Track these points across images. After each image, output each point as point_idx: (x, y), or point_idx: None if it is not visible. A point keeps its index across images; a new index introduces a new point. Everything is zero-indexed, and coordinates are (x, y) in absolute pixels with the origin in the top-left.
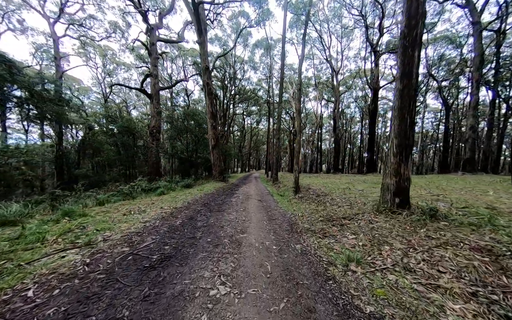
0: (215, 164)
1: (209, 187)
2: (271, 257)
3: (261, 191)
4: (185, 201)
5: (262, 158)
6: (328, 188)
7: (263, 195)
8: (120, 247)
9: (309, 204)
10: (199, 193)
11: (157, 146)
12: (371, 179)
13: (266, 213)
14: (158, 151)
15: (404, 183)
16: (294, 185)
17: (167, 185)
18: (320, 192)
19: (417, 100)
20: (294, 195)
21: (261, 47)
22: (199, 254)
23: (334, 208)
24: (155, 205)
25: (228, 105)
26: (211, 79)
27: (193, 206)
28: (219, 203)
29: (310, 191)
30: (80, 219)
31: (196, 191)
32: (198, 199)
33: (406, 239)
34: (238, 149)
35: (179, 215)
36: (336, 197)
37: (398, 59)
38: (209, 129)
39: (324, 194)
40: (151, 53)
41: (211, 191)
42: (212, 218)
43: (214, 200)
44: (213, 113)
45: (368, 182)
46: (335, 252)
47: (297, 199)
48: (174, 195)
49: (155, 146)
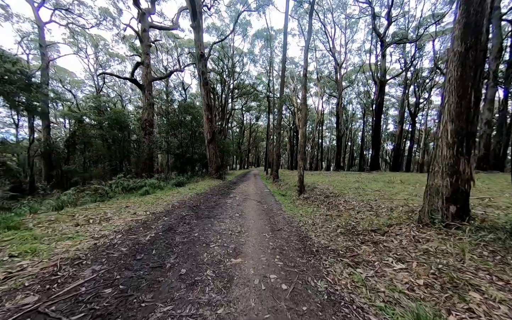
0: (211, 160)
1: (203, 186)
2: (281, 312)
3: (261, 190)
4: (169, 204)
5: (262, 155)
6: (337, 188)
7: (263, 195)
8: (11, 302)
9: (318, 207)
10: (190, 192)
11: (149, 140)
12: (381, 177)
13: (267, 219)
14: (151, 146)
15: (464, 185)
16: (299, 183)
17: (154, 184)
18: (329, 192)
19: (419, 97)
20: (298, 195)
21: (261, 38)
22: (158, 310)
23: (353, 215)
24: (129, 209)
25: (226, 100)
26: (206, 67)
27: (177, 211)
28: (211, 206)
29: (317, 190)
30: (3, 234)
31: (187, 190)
32: (186, 200)
33: (497, 276)
34: (237, 146)
35: (154, 224)
36: (350, 199)
37: (459, 9)
38: (204, 122)
39: (334, 195)
40: (143, 40)
41: (204, 190)
42: (197, 229)
43: (205, 201)
44: (209, 105)
45: (379, 180)
46: (385, 300)
47: (302, 201)
48: (159, 196)
49: (147, 140)
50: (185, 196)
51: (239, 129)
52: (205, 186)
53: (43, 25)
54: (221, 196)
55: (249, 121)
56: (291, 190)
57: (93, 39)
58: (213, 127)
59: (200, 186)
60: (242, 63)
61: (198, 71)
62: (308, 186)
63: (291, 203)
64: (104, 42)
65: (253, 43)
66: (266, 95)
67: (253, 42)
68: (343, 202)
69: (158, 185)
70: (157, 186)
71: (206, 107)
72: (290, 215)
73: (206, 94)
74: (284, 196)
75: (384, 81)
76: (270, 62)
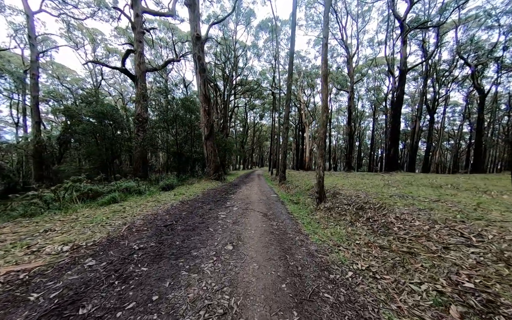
0: (208, 159)
1: (196, 189)
2: None
3: (267, 195)
4: (126, 223)
5: (266, 155)
6: (370, 194)
7: (269, 202)
8: None
9: (353, 225)
10: (173, 200)
11: (143, 137)
12: (413, 180)
13: (282, 258)
14: (144, 143)
15: None
16: (317, 188)
17: (131, 187)
18: (360, 200)
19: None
20: (317, 204)
21: (266, 30)
22: None
23: (443, 256)
24: (35, 240)
25: (229, 96)
26: (203, 52)
27: (128, 239)
28: (192, 225)
29: (340, 198)
30: None
31: (171, 197)
32: (160, 214)
33: None
34: (240, 145)
35: (50, 282)
36: (404, 214)
37: None
38: (201, 116)
39: (373, 206)
40: (135, 26)
41: (194, 196)
42: (129, 300)
43: (188, 215)
44: (206, 96)
45: (415, 183)
46: None
47: (323, 212)
48: (126, 206)
49: (140, 137)
50: (163, 207)
51: (243, 128)
52: (197, 190)
53: (32, 14)
54: (215, 204)
55: (253, 120)
56: (303, 195)
57: (89, 32)
58: (211, 121)
59: (192, 190)
60: (246, 58)
61: (193, 56)
62: (327, 190)
63: (308, 215)
64: (102, 36)
65: (257, 35)
66: (270, 90)
67: (257, 34)
68: (394, 219)
69: (137, 189)
70: (135, 191)
71: (203, 98)
72: (318, 244)
73: (203, 83)
74: (297, 204)
75: (405, 69)
76: (275, 56)
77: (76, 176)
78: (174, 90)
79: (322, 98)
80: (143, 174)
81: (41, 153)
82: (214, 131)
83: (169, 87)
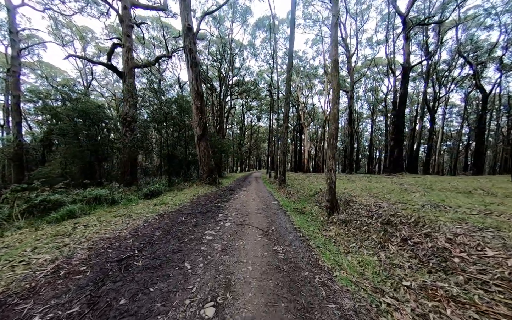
0: (202, 162)
1: (185, 196)
2: None
3: (266, 203)
4: (56, 259)
5: (263, 157)
6: (391, 203)
7: (270, 212)
8: None
9: (385, 249)
10: (151, 213)
11: (131, 138)
12: (431, 184)
13: None
14: (131, 144)
15: None
16: (328, 196)
17: (102, 196)
18: (383, 211)
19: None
20: (329, 216)
21: (263, 29)
22: None
23: None
24: None
25: (225, 96)
26: (195, 44)
27: (37, 295)
28: (162, 256)
29: (356, 207)
30: None
31: (149, 209)
32: (122, 236)
33: None
34: (237, 147)
35: None
36: (461, 237)
37: None
38: (193, 114)
39: (405, 221)
40: (123, 19)
41: (179, 206)
42: None
43: (163, 237)
44: (199, 92)
45: (436, 188)
46: None
47: (339, 227)
48: (81, 223)
49: (128, 138)
50: (132, 224)
51: (240, 130)
52: (185, 198)
53: (14, 8)
54: (203, 218)
55: (250, 122)
56: (308, 202)
57: (79, 30)
58: (205, 120)
59: (179, 198)
60: (242, 58)
61: (184, 49)
62: (338, 197)
63: (320, 231)
64: (92, 34)
65: (254, 34)
66: (268, 90)
67: (254, 33)
68: (447, 242)
69: (109, 197)
70: (107, 200)
71: (196, 94)
72: (352, 292)
73: (195, 78)
74: (303, 215)
75: (409, 67)
76: (273, 55)
77: (35, 184)
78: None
79: (333, 86)
80: (131, 178)
81: (21, 156)
82: (208, 131)
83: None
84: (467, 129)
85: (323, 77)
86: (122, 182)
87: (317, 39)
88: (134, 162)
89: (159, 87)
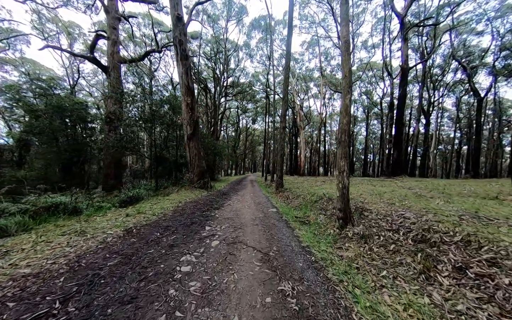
0: (192, 163)
1: (169, 203)
2: None
3: (263, 210)
4: None
5: (258, 160)
6: (417, 213)
7: (269, 223)
8: None
9: (433, 282)
10: (117, 228)
11: (114, 138)
12: (441, 187)
13: None
14: (116, 145)
15: None
16: (341, 204)
17: (59, 203)
18: (411, 224)
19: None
20: (342, 229)
21: (259, 30)
22: None
23: None
24: None
25: (219, 97)
26: (186, 36)
27: None
28: (99, 315)
29: (372, 217)
30: None
31: (117, 222)
32: (53, 271)
33: None
34: (232, 150)
35: None
36: None
37: None
38: (183, 111)
39: (448, 240)
40: (108, 10)
41: (158, 216)
42: None
43: (116, 270)
44: (189, 87)
45: (447, 192)
46: None
47: (356, 244)
48: (4, 248)
49: (112, 137)
50: (80, 249)
51: (235, 132)
52: (169, 206)
53: None
54: (184, 234)
55: (246, 124)
56: (311, 208)
57: (65, 25)
58: (195, 117)
59: (161, 206)
60: (238, 58)
61: (174, 40)
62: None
63: (334, 250)
64: (79, 30)
65: (250, 35)
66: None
67: (250, 33)
68: None
69: (71, 206)
70: (67, 210)
71: (186, 89)
72: None
73: (185, 72)
74: (307, 225)
75: (407, 67)
76: (269, 56)
77: None
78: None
79: (345, 73)
80: (116, 182)
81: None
82: (200, 130)
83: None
84: (458, 133)
85: (319, 79)
86: (105, 186)
87: (313, 41)
88: (119, 164)
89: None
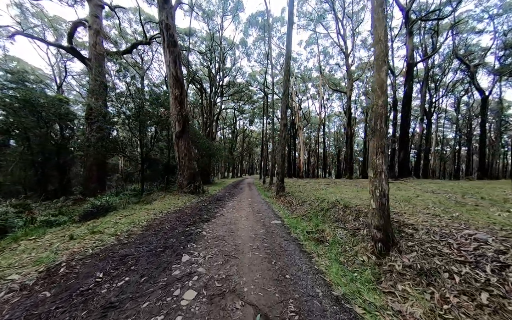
0: (181, 165)
1: (147, 214)
2: None
3: (265, 222)
4: None
5: (256, 162)
6: (486, 232)
7: (273, 244)
8: None
9: None
10: (35, 265)
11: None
12: (464, 190)
13: None
14: (98, 145)
15: None
16: (378, 219)
17: None
18: (494, 253)
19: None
20: (381, 258)
21: (256, 27)
22: None
23: None
24: None
25: (215, 97)
26: (173, 19)
27: None
28: None
29: (426, 239)
30: None
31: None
32: None
33: None
34: (228, 151)
35: None
36: None
37: None
38: (171, 105)
39: None
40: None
41: (115, 239)
42: None
43: None
44: (178, 78)
45: (484, 198)
46: None
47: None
48: None
49: (94, 137)
50: None
51: (232, 134)
52: (142, 219)
53: None
54: (142, 274)
55: (243, 126)
56: (323, 219)
57: (50, 21)
58: (185, 112)
59: (129, 221)
60: (234, 57)
61: (160, 25)
62: None
63: (380, 298)
64: (66, 25)
65: (247, 32)
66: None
67: (246, 30)
68: None
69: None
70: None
71: (174, 81)
72: None
73: (173, 61)
74: (323, 245)
75: (413, 63)
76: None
77: None
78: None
79: (379, 36)
80: (98, 186)
81: None
82: (190, 127)
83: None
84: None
85: (317, 80)
86: (85, 190)
87: (311, 39)
88: (103, 166)
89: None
